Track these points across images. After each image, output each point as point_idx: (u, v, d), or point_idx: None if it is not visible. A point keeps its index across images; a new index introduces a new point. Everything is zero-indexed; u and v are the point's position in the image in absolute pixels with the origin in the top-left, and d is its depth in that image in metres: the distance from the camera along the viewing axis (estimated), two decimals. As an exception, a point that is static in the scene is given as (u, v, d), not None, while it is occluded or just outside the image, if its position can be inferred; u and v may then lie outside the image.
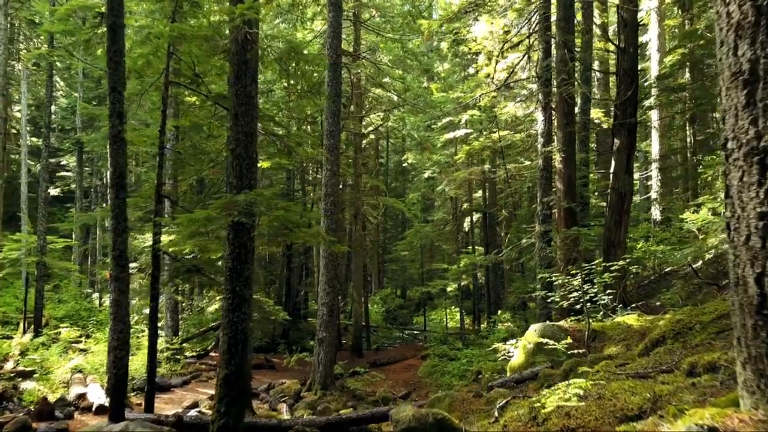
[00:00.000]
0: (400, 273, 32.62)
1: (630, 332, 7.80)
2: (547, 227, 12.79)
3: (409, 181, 40.67)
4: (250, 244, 6.87)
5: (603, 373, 4.63)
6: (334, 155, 14.21)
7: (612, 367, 4.98)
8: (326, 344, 13.95)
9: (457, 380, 15.86)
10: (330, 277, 14.08)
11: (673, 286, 14.43)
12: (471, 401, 7.16)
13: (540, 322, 12.12)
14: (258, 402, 13.12)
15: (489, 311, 24.72)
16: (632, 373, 4.28)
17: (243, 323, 6.74)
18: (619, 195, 12.00)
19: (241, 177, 6.84)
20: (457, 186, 24.21)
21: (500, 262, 16.81)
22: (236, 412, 6.52)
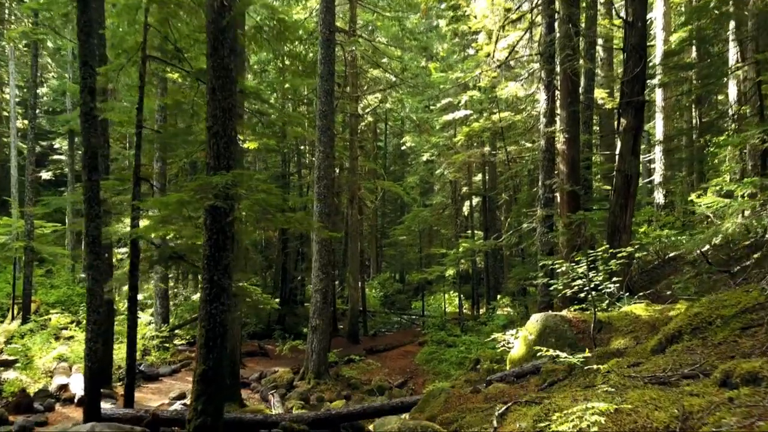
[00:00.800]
0: (398, 258, 32.16)
1: (638, 323, 7.30)
2: (549, 211, 12.25)
3: (408, 164, 40.10)
4: (229, 229, 6.34)
5: (615, 375, 4.12)
6: (328, 136, 13.63)
7: (624, 366, 4.48)
8: (320, 332, 13.50)
9: (455, 368, 15.46)
10: (323, 263, 13.58)
11: (678, 272, 13.96)
12: (468, 398, 6.68)
13: (541, 311, 11.64)
14: (249, 391, 12.70)
15: (488, 296, 24.30)
16: (650, 377, 3.78)
17: (222, 315, 6.23)
18: (625, 177, 11.43)
19: (218, 157, 6.29)
20: (456, 169, 23.61)
21: (500, 247, 16.31)
22: (214, 410, 6.04)
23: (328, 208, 13.73)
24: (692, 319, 4.99)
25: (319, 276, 13.52)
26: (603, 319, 7.79)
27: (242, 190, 6.19)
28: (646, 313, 7.57)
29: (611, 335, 7.34)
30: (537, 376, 6.93)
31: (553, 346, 7.58)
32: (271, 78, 24.46)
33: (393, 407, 7.37)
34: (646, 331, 6.91)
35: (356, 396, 13.39)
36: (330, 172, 13.87)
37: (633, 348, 6.19)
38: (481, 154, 22.30)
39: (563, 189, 11.66)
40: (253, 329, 22.84)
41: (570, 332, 7.65)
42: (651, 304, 8.18)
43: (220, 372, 6.21)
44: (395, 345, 19.73)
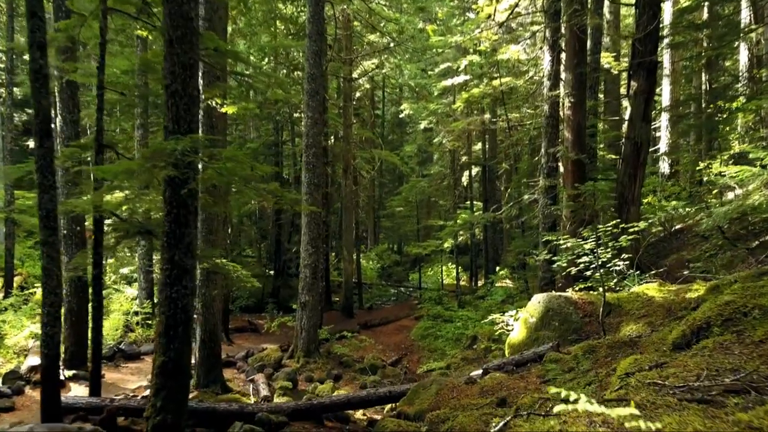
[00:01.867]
0: (395, 230, 31.43)
1: (651, 306, 6.60)
2: (552, 182, 11.47)
3: (406, 133, 39.08)
4: (191, 202, 5.57)
5: (637, 382, 3.41)
6: (316, 101, 12.73)
7: (645, 367, 3.76)
8: (309, 308, 12.85)
9: (451, 345, 14.89)
10: (313, 236, 12.85)
11: (688, 245, 13.25)
12: (462, 390, 6.02)
13: (542, 289, 10.97)
14: (234, 371, 12.11)
15: (487, 268, 23.67)
16: (682, 388, 3.06)
17: (184, 299, 5.51)
18: (634, 145, 10.62)
19: (178, 120, 5.47)
20: (455, 137, 22.72)
21: (499, 219, 15.60)
22: (175, 407, 5.37)
23: (318, 178, 12.93)
24: (723, 309, 4.26)
25: (308, 250, 12.80)
26: (612, 300, 7.09)
27: (204, 158, 5.40)
28: (660, 295, 6.86)
29: (621, 319, 6.64)
30: (539, 365, 6.26)
31: (557, 331, 6.91)
32: (263, 42, 23.34)
33: (380, 397, 6.74)
34: (661, 316, 6.21)
35: (347, 375, 12.82)
36: (319, 139, 13.02)
37: (648, 337, 5.49)
38: (481, 121, 21.35)
39: (568, 157, 10.85)
40: (245, 303, 22.29)
41: (575, 315, 6.96)
42: (664, 283, 7.46)
43: (183, 364, 5.52)
44: (390, 319, 19.15)
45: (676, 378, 3.31)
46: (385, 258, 33.01)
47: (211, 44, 7.34)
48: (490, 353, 11.53)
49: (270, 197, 5.94)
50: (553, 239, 7.93)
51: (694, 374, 3.32)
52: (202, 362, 9.92)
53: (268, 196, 5.92)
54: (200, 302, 10.00)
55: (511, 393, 5.52)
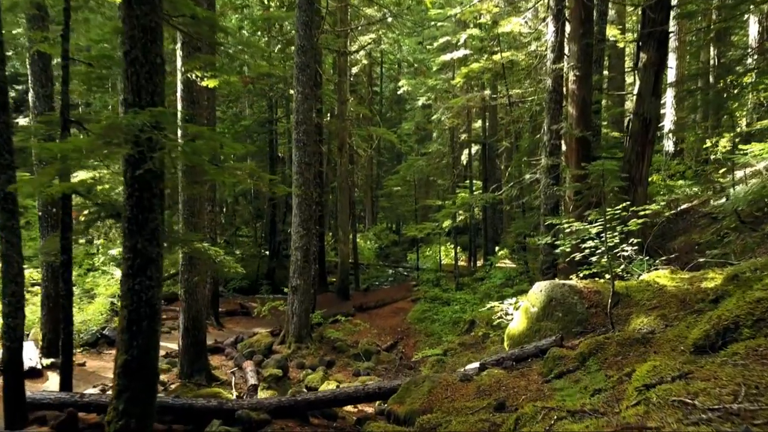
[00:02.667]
0: (392, 210, 30.85)
1: (664, 296, 6.07)
2: (555, 160, 10.86)
3: (405, 110, 38.30)
4: (156, 184, 4.99)
5: (659, 399, 2.88)
6: (307, 75, 12.06)
7: (667, 377, 3.23)
8: (301, 292, 12.36)
9: (448, 329, 14.43)
10: (304, 217, 12.29)
11: (695, 227, 12.71)
12: (456, 388, 5.51)
13: (544, 274, 10.45)
14: (223, 358, 11.66)
15: (486, 248, 23.18)
16: (719, 411, 2.52)
17: (149, 291, 4.97)
18: (643, 121, 10.02)
19: (139, 91, 4.86)
20: (454, 114, 22.01)
21: (499, 200, 15.02)
22: (141, 411, 4.87)
23: (309, 156, 12.31)
24: (754, 307, 3.72)
25: (300, 232, 12.25)
26: (620, 290, 6.55)
27: (169, 134, 4.80)
28: (672, 283, 6.33)
29: (631, 311, 6.12)
30: (541, 361, 5.76)
31: (560, 322, 6.40)
32: (255, 15, 22.51)
33: (369, 393, 6.26)
34: (675, 308, 5.68)
35: (341, 361, 12.38)
36: (310, 115, 12.38)
37: (663, 333, 4.96)
38: (481, 98, 20.62)
39: (572, 134, 10.24)
40: (239, 284, 21.84)
41: (580, 306, 6.43)
42: (676, 270, 6.93)
43: (149, 363, 5.00)
44: (387, 301, 18.70)
45: (708, 396, 2.77)
46: (383, 238, 32.51)
47: (187, 11, 6.69)
48: (488, 339, 11.07)
49: (246, 178, 5.38)
50: (556, 222, 7.38)
51: (728, 391, 2.78)
52: (186, 351, 9.45)
53: (245, 177, 5.36)
54: (182, 288, 9.49)
55: (510, 394, 5.02)
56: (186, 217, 9.32)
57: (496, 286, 14.48)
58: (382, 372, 11.85)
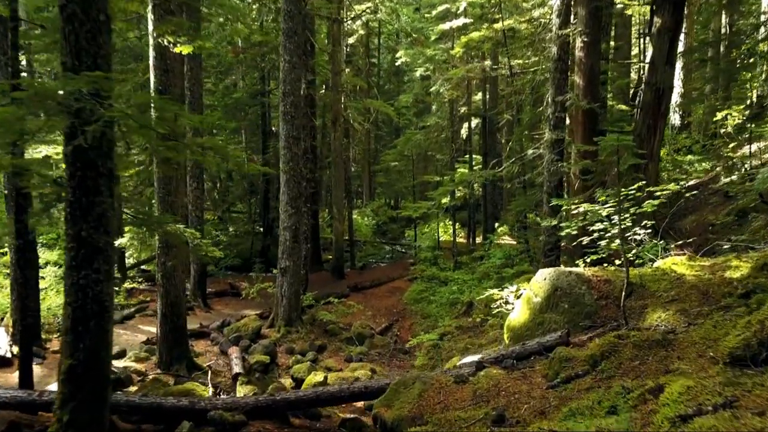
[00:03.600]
0: (389, 186, 30.09)
1: (683, 287, 5.43)
2: (560, 135, 10.13)
3: (403, 82, 37.31)
4: (103, 163, 4.31)
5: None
6: (294, 42, 11.25)
7: (706, 402, 2.61)
8: (290, 274, 11.76)
9: (445, 310, 13.88)
10: (293, 195, 11.61)
11: (706, 205, 12.04)
12: (450, 392, 4.91)
13: (546, 257, 9.82)
14: (208, 343, 11.11)
15: (485, 225, 22.56)
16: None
17: (96, 286, 4.33)
18: (655, 92, 9.27)
19: (78, 53, 4.14)
20: (453, 86, 21.11)
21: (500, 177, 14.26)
22: (88, 421, 4.26)
23: (297, 130, 11.58)
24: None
25: (288, 211, 11.59)
26: (633, 278, 5.90)
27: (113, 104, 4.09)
28: (692, 272, 5.68)
29: (645, 303, 5.49)
30: (545, 360, 5.15)
31: (566, 315, 5.77)
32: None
33: (354, 393, 5.68)
34: (697, 301, 5.05)
35: (332, 345, 11.85)
36: (298, 86, 11.60)
37: (686, 333, 4.33)
38: (482, 69, 19.73)
39: (579, 106, 9.49)
40: (232, 262, 21.24)
41: (588, 296, 5.80)
42: (695, 256, 6.28)
43: (98, 367, 4.38)
44: (383, 281, 18.14)
45: None
46: (380, 214, 31.83)
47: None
48: (487, 324, 10.50)
49: (212, 156, 4.69)
50: (562, 204, 6.72)
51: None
52: (164, 339, 8.87)
53: (209, 156, 4.67)
54: (159, 272, 8.87)
55: (511, 402, 4.42)
56: (161, 196, 8.65)
57: (495, 266, 13.88)
58: (375, 357, 11.32)
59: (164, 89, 8.47)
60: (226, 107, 21.04)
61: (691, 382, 2.91)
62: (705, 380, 2.99)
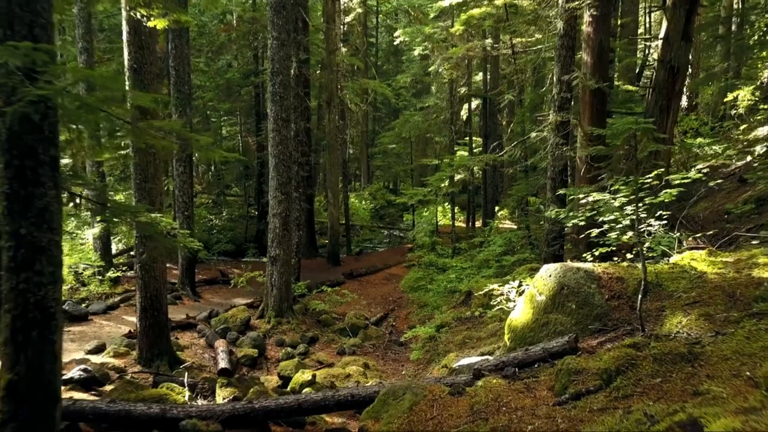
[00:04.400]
0: (386, 169, 29.43)
1: (704, 287, 4.88)
2: (566, 116, 9.52)
3: (402, 62, 36.47)
4: (45, 149, 3.73)
5: None
6: (283, 18, 10.56)
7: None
8: (280, 263, 11.23)
9: (443, 299, 13.38)
10: (282, 180, 11.03)
11: (719, 191, 11.48)
12: (445, 406, 4.39)
13: (550, 247, 9.27)
14: (194, 335, 10.60)
15: (485, 209, 22.01)
16: None
17: (39, 290, 3.78)
18: (670, 70, 8.63)
19: (11, 21, 3.53)
20: (453, 66, 20.39)
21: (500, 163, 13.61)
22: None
23: (287, 111, 10.95)
24: None
25: (278, 197, 11.02)
26: (648, 276, 5.35)
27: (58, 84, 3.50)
28: (714, 270, 5.14)
29: (662, 305, 4.94)
30: (550, 368, 4.63)
31: (574, 316, 5.23)
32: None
33: (339, 402, 5.17)
34: (722, 305, 4.50)
35: (325, 337, 11.36)
36: (288, 65, 10.95)
37: (713, 345, 3.79)
38: (482, 47, 18.99)
39: (586, 86, 8.86)
40: (225, 247, 20.71)
41: (599, 296, 5.25)
42: (716, 251, 5.72)
43: (42, 383, 3.85)
44: (379, 267, 17.65)
45: None
46: (378, 198, 31.24)
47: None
48: (486, 315, 9.99)
49: (172, 142, 4.11)
50: (570, 194, 6.15)
51: None
52: (145, 333, 8.36)
53: (168, 141, 4.08)
54: (138, 264, 8.33)
55: (513, 420, 3.89)
56: (138, 182, 8.07)
57: (495, 254, 13.35)
58: (369, 349, 10.85)
59: (139, 67, 7.85)
60: (218, 88, 20.32)
61: (737, 423, 2.37)
62: (752, 419, 2.44)
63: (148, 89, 7.96)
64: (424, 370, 9.45)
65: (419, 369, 9.52)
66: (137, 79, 7.86)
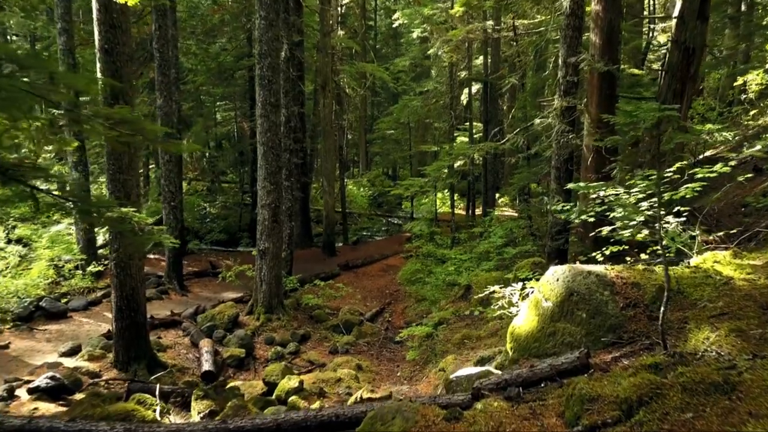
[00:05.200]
0: (384, 156, 28.76)
1: (732, 296, 4.33)
2: (572, 101, 8.89)
3: (401, 46, 35.68)
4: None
5: None
6: (270, -4, 9.90)
7: None
8: (270, 257, 10.69)
9: (442, 293, 12.84)
10: (271, 170, 10.43)
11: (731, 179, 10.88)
12: None
13: (554, 241, 8.71)
14: (179, 333, 10.09)
15: (485, 196, 21.42)
16: None
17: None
18: (684, 51, 8.01)
19: None
20: (452, 49, 19.64)
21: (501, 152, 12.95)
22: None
23: (276, 96, 10.32)
24: None
25: (266, 187, 10.44)
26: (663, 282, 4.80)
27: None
28: (741, 275, 4.58)
29: (685, 316, 4.39)
30: (559, 390, 4.08)
31: (584, 326, 4.69)
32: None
33: (322, 423, 4.63)
34: (756, 317, 3.95)
35: (317, 334, 10.87)
36: (277, 46, 10.31)
37: (752, 371, 3.23)
38: (483, 29, 18.25)
39: (595, 68, 8.23)
40: (218, 237, 20.14)
41: (612, 305, 4.70)
42: (741, 253, 5.16)
43: None
44: (376, 258, 17.12)
45: None
46: (377, 184, 30.62)
47: None
48: (485, 313, 9.44)
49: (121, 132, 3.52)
50: (579, 189, 5.56)
51: None
52: (121, 335, 7.84)
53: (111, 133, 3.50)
54: (113, 261, 7.78)
55: (517, 456, 3.36)
56: (112, 173, 7.49)
57: (496, 246, 12.79)
58: (363, 348, 10.34)
59: (111, 48, 7.23)
60: (210, 71, 19.59)
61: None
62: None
63: (121, 72, 7.35)
64: (420, 372, 8.95)
65: (415, 371, 9.02)
66: (109, 60, 7.25)
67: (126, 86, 7.40)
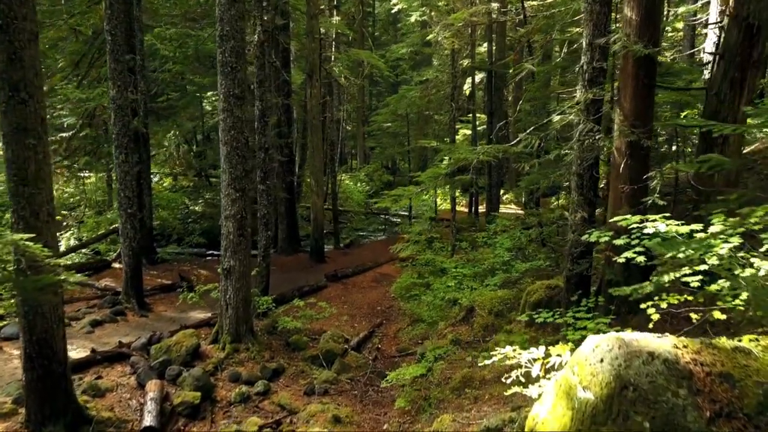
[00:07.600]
0: (380, 150, 27.04)
1: None
2: (599, 93, 7.20)
3: (401, 32, 33.87)
4: None
5: None
6: (232, -35, 8.18)
7: None
8: (236, 277, 9.06)
9: (440, 313, 11.18)
10: (236, 174, 8.77)
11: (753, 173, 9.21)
12: None
13: (573, 265, 7.06)
14: (125, 370, 8.44)
15: (489, 196, 19.77)
16: None
17: None
18: (746, 29, 6.31)
19: None
20: (454, 34, 17.89)
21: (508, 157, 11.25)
22: None
23: (240, 87, 8.63)
24: None
25: (230, 195, 8.79)
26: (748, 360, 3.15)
27: None
28: None
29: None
30: None
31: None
32: None
33: None
34: None
35: (292, 368, 9.23)
36: (241, 27, 8.60)
37: None
38: (487, 12, 16.49)
39: (632, 51, 6.52)
40: (197, 239, 18.50)
41: (693, 413, 3.03)
42: None
43: None
44: (368, 266, 15.49)
45: None
46: (375, 179, 28.93)
47: None
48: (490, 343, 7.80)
49: None
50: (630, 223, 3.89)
51: None
52: (32, 390, 6.22)
53: None
54: (20, 297, 6.14)
55: None
56: (14, 186, 5.84)
57: (502, 260, 11.13)
58: (345, 386, 8.72)
59: (5, 24, 5.58)
60: (188, 58, 17.87)
61: None
62: None
63: (22, 54, 5.70)
64: (411, 424, 7.35)
65: (405, 422, 7.43)
66: (4, 40, 5.60)
67: (29, 73, 5.75)
